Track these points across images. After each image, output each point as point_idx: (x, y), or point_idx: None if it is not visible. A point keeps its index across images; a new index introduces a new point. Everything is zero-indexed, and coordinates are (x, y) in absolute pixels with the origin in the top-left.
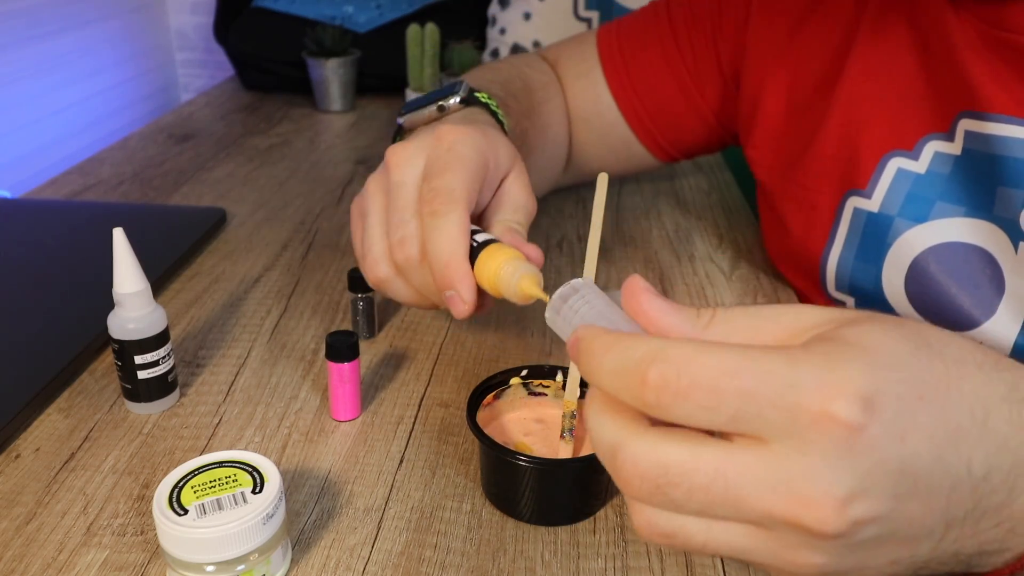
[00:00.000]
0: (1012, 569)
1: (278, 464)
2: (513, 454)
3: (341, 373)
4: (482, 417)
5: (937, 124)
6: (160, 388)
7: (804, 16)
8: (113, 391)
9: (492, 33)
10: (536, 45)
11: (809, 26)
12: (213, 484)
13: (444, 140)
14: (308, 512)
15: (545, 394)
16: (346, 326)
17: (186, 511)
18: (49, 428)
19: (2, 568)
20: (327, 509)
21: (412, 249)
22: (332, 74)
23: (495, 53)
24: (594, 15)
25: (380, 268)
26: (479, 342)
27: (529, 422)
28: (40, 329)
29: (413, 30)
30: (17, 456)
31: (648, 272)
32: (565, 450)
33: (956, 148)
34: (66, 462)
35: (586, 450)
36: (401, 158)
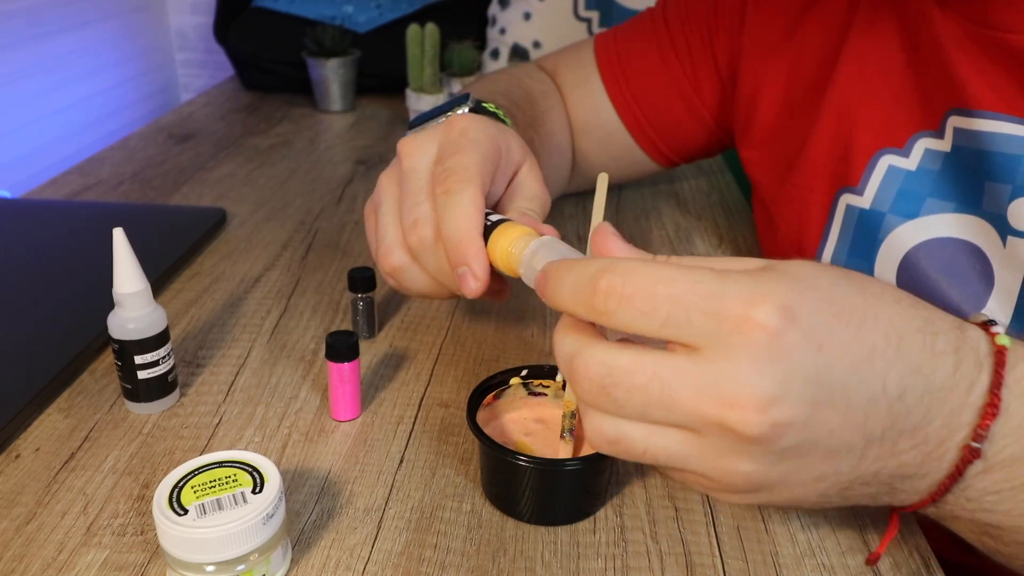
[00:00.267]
0: (933, 497)
1: (278, 464)
2: (513, 454)
3: (341, 373)
4: (482, 417)
5: (927, 122)
6: (160, 388)
7: (800, 16)
8: (113, 391)
9: (492, 33)
10: (536, 45)
11: (804, 26)
12: (213, 484)
13: (455, 127)
14: (308, 512)
15: (545, 394)
16: (346, 326)
17: (186, 511)
18: (49, 428)
19: (2, 568)
20: (327, 509)
21: (426, 230)
22: (332, 74)
23: (495, 53)
24: (594, 15)
25: (394, 255)
26: (479, 342)
27: (529, 422)
28: (40, 329)
29: (413, 30)
30: (17, 456)
31: None
32: (565, 450)
33: (946, 145)
34: (66, 462)
35: (586, 450)
36: (412, 146)
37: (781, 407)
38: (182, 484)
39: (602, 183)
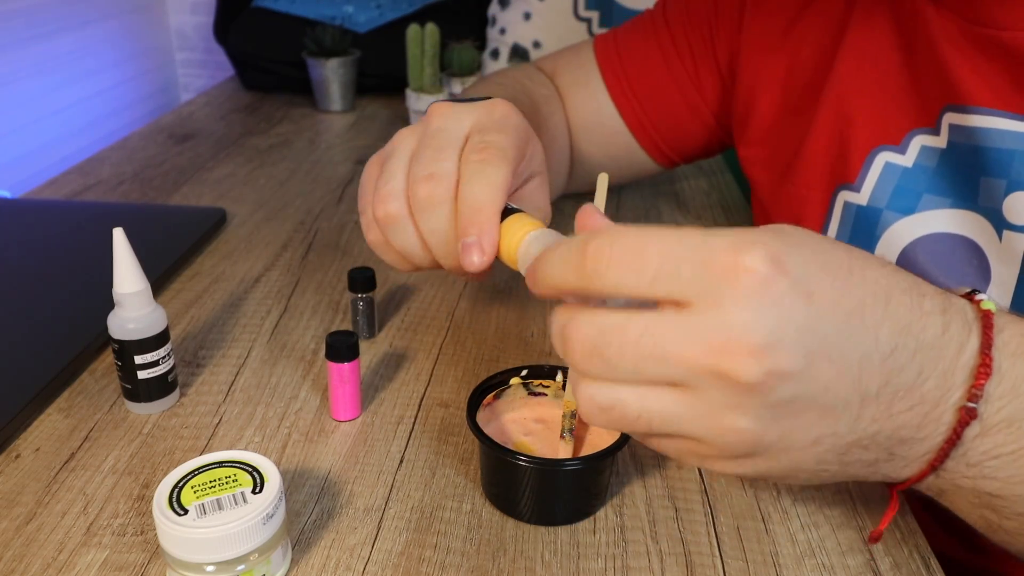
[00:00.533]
0: (933, 465)
1: (278, 464)
2: (513, 454)
3: (341, 373)
4: (482, 417)
5: (923, 119)
6: (160, 388)
7: (797, 14)
8: (113, 391)
9: (492, 33)
10: (536, 45)
11: (801, 24)
12: (213, 484)
13: (498, 108)
14: (308, 512)
15: (545, 394)
16: (346, 326)
17: (186, 511)
18: (49, 428)
19: (2, 568)
20: (327, 509)
21: (440, 185)
22: (332, 74)
23: (495, 53)
24: (594, 15)
25: (392, 202)
26: (479, 342)
27: (529, 422)
28: (40, 329)
29: (413, 30)
30: (17, 456)
31: None
32: (565, 450)
33: (941, 142)
34: (66, 462)
35: (586, 450)
36: (446, 109)
37: (776, 354)
38: (182, 484)
39: (602, 184)
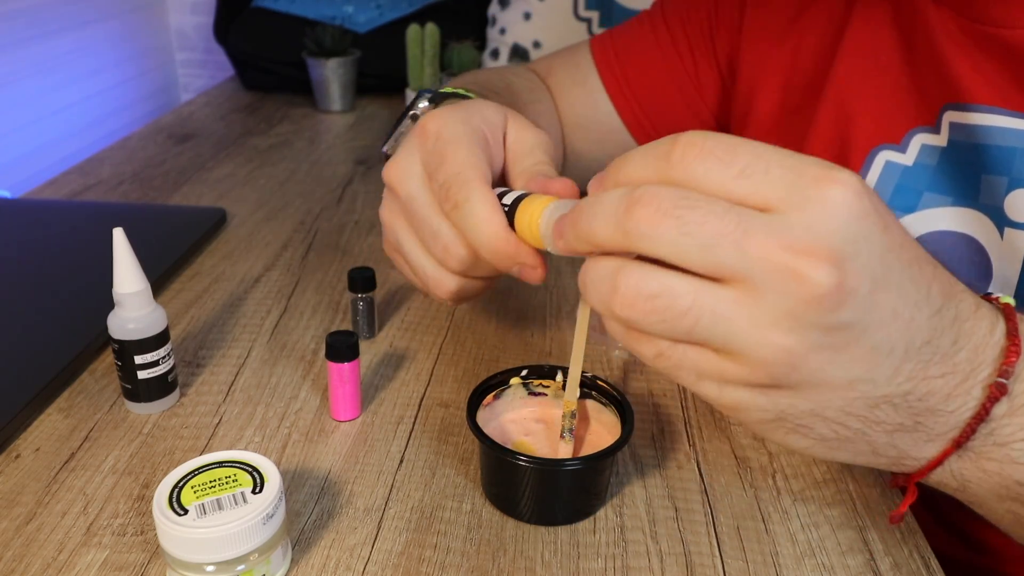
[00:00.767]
0: (958, 442)
1: (278, 464)
2: (513, 454)
3: (341, 373)
4: (482, 417)
5: (923, 117)
6: (160, 388)
7: (798, 13)
8: (113, 391)
9: (492, 33)
10: (536, 45)
11: (801, 23)
12: (213, 484)
13: (428, 133)
14: (308, 512)
15: (545, 394)
16: (346, 326)
17: (186, 511)
18: (49, 428)
19: (2, 568)
20: (327, 509)
21: (459, 250)
22: (332, 74)
23: (495, 53)
24: (594, 15)
25: (448, 284)
26: (479, 342)
27: (529, 422)
28: (40, 329)
29: (413, 30)
30: (17, 456)
31: None
32: (565, 450)
33: (942, 140)
34: (66, 462)
35: (586, 450)
36: (398, 173)
37: (850, 268)
38: (182, 484)
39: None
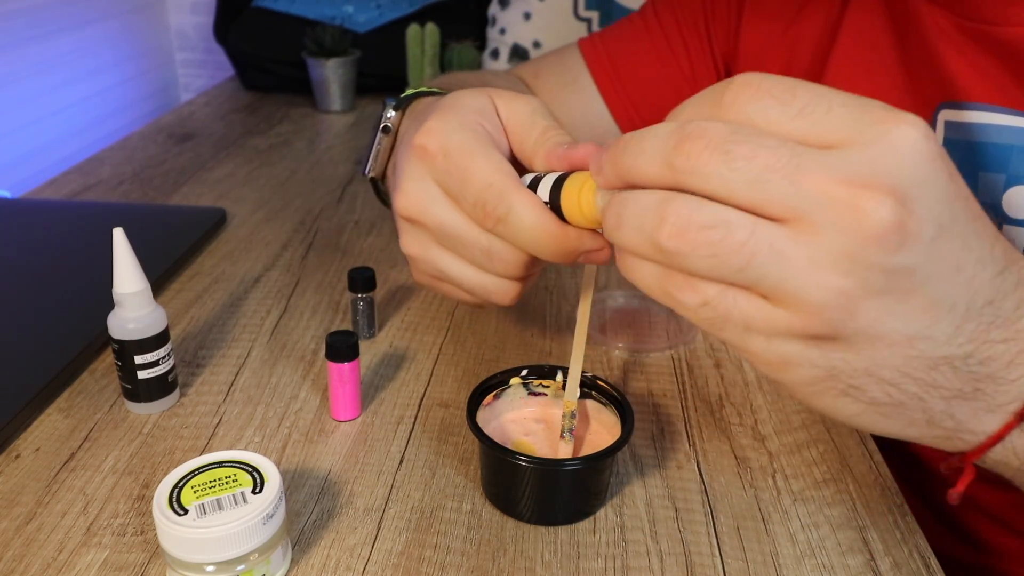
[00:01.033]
0: (1020, 416)
1: (278, 464)
2: (513, 454)
3: (341, 373)
4: (482, 417)
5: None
6: (160, 388)
7: (795, 14)
8: (113, 391)
9: (492, 33)
10: (536, 45)
11: (798, 24)
12: (213, 484)
13: (432, 153)
14: (308, 512)
15: (545, 394)
16: (346, 326)
17: (186, 511)
18: (49, 428)
19: (2, 568)
20: (327, 509)
21: (518, 257)
22: (332, 74)
23: (495, 53)
24: (594, 15)
25: (514, 291)
26: (479, 342)
27: (529, 422)
28: (40, 329)
29: (413, 30)
30: (17, 456)
31: None
32: (565, 450)
33: (938, 139)
34: (66, 462)
35: (586, 450)
36: (416, 204)
37: (913, 207)
38: (182, 484)
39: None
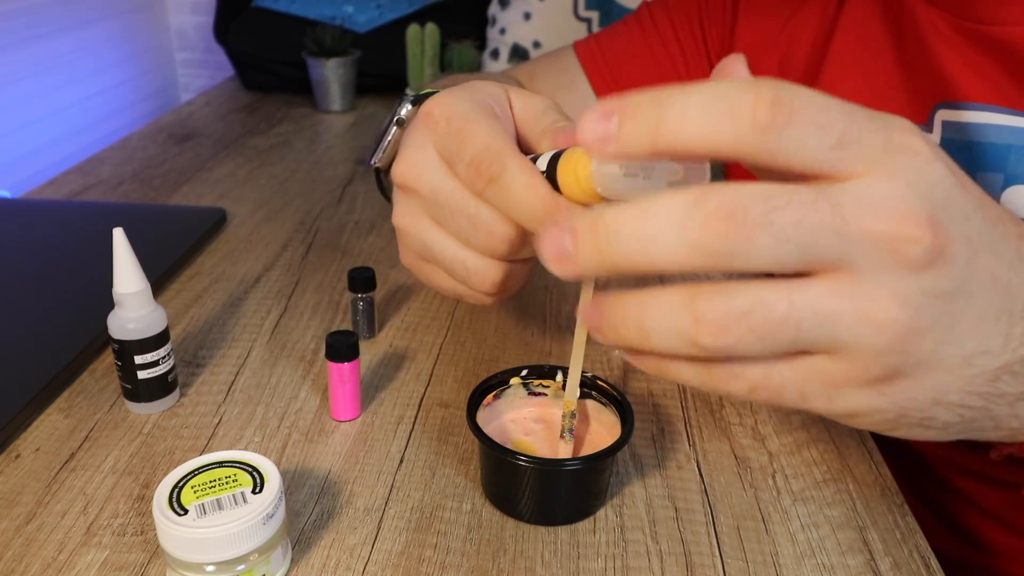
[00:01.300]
0: None
1: (278, 464)
2: (513, 454)
3: (341, 373)
4: (482, 417)
5: (915, 117)
6: (160, 388)
7: (791, 14)
8: (113, 391)
9: (492, 33)
10: (536, 45)
11: (793, 24)
12: (213, 484)
13: (436, 118)
14: (308, 512)
15: (545, 394)
16: (346, 326)
17: (186, 511)
18: (49, 428)
19: (2, 568)
20: (327, 509)
21: (504, 228)
22: (332, 74)
23: (495, 53)
24: (594, 15)
25: (493, 274)
26: (479, 342)
27: (529, 422)
28: (40, 329)
29: (413, 30)
30: (17, 456)
31: None
32: (565, 450)
33: (935, 139)
34: (66, 462)
35: (586, 450)
36: (412, 169)
37: (947, 233)
38: (182, 484)
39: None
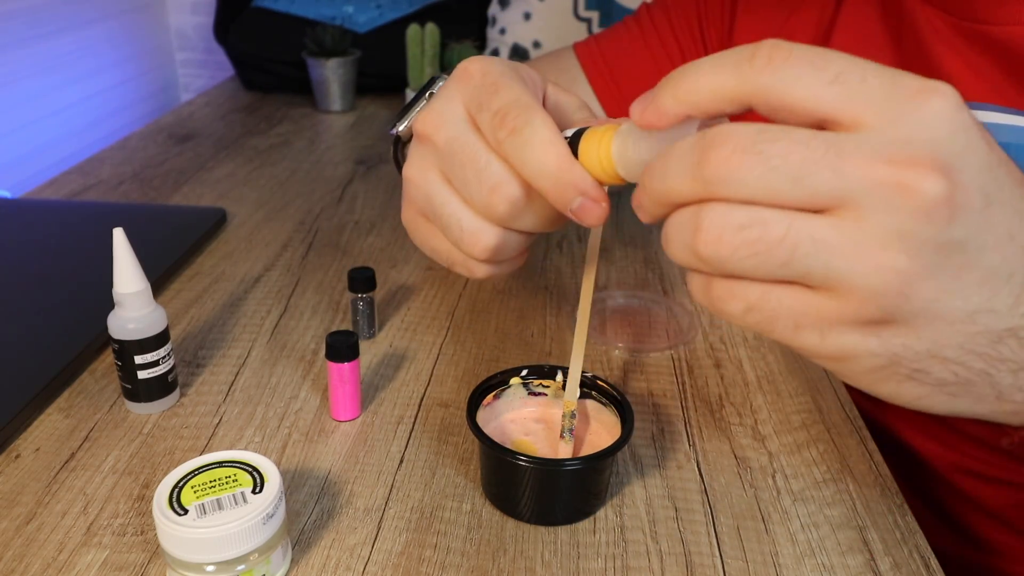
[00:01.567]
0: None
1: (278, 464)
2: (513, 454)
3: (341, 373)
4: (482, 417)
5: None
6: (160, 388)
7: (789, 15)
8: (113, 391)
9: (492, 33)
10: (536, 45)
11: (792, 23)
12: (213, 484)
13: (472, 74)
14: (308, 512)
15: (545, 394)
16: (346, 326)
17: (186, 511)
18: (49, 428)
19: (2, 568)
20: (327, 509)
21: (510, 187)
22: (332, 74)
23: (495, 53)
24: (594, 15)
25: (485, 236)
26: (479, 342)
27: (529, 422)
28: (40, 329)
29: (413, 30)
30: (17, 456)
31: (648, 272)
32: (565, 450)
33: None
34: (66, 462)
35: (586, 450)
36: (435, 119)
37: (961, 181)
38: (182, 484)
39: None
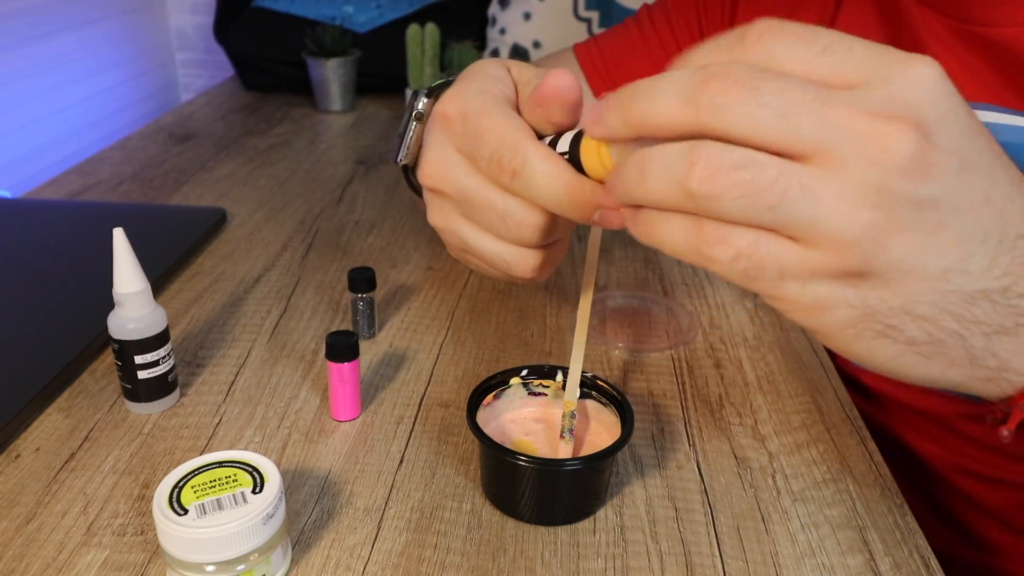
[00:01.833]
0: None
1: (278, 464)
2: (513, 454)
3: (341, 373)
4: (482, 417)
5: None
6: (160, 388)
7: (789, 12)
8: (113, 391)
9: (492, 33)
10: (536, 45)
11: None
12: (213, 484)
13: (451, 118)
14: (308, 512)
15: (545, 394)
16: (346, 326)
17: (186, 511)
18: (49, 428)
19: (2, 568)
20: (327, 509)
21: (534, 218)
22: (332, 74)
23: (495, 53)
24: (594, 15)
25: (532, 261)
26: (479, 342)
27: (529, 422)
28: (40, 329)
29: (413, 30)
30: (17, 456)
31: (648, 272)
32: (565, 450)
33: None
34: (66, 462)
35: (586, 450)
36: (436, 171)
37: (939, 142)
38: (182, 484)
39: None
